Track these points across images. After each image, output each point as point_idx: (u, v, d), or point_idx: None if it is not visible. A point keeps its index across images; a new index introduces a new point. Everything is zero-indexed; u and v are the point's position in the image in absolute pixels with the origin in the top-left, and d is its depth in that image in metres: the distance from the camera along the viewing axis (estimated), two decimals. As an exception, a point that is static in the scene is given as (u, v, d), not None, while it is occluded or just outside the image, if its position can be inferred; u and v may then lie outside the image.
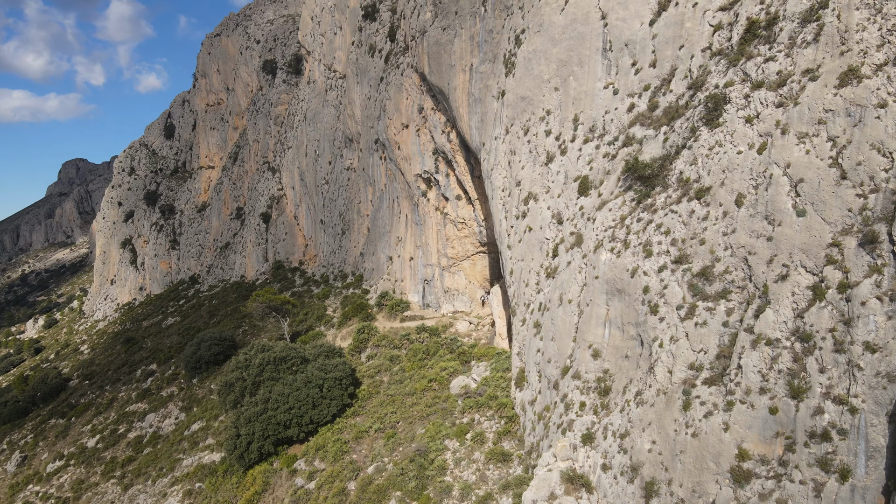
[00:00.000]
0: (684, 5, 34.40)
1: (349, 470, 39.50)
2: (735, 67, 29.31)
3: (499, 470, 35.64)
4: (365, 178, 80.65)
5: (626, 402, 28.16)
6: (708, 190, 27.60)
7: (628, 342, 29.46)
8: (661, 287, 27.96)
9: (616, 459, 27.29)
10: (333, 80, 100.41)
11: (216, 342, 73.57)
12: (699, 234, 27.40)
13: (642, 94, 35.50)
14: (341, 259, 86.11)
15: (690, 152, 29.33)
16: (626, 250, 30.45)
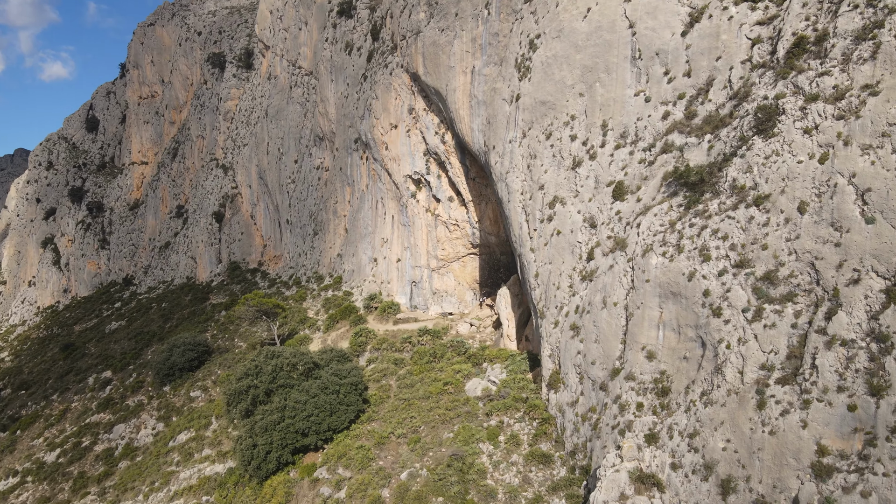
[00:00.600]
0: (718, 18, 35.72)
1: (380, 477, 38.79)
2: (785, 80, 30.69)
3: (541, 472, 35.93)
4: (342, 178, 79.14)
5: (690, 402, 29.00)
6: (767, 197, 28.77)
7: (686, 344, 30.35)
8: (723, 290, 28.95)
9: (686, 458, 28.08)
10: (299, 77, 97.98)
11: (190, 348, 70.42)
12: (760, 239, 28.54)
13: (677, 103, 36.60)
14: (314, 260, 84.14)
15: (743, 160, 30.49)
16: (679, 254, 31.34)
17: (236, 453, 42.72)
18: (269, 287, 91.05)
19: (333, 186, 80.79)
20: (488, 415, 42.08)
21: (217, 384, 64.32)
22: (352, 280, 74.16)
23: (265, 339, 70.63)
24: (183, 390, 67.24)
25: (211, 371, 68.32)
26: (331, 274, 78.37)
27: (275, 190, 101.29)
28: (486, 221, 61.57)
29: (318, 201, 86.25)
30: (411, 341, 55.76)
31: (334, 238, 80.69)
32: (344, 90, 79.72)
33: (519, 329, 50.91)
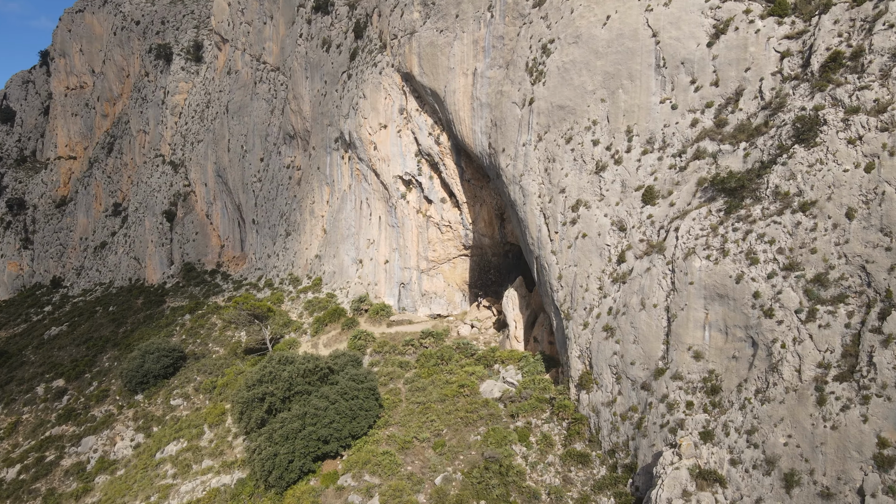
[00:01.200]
0: (745, 31, 37.29)
1: (412, 483, 38.31)
2: (822, 92, 32.42)
3: (581, 471, 36.48)
4: (320, 178, 77.36)
5: (745, 400, 30.19)
6: (813, 203, 30.32)
7: (735, 344, 31.55)
8: (773, 292, 30.28)
9: (746, 454, 29.21)
10: (264, 73, 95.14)
11: (164, 354, 67.11)
12: (808, 243, 30.03)
13: (705, 111, 37.96)
14: (287, 262, 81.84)
15: (786, 168, 31.98)
16: (724, 258, 32.54)
17: (253, 463, 41.13)
18: (236, 289, 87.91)
19: (310, 186, 78.88)
20: (513, 416, 42.30)
21: (200, 391, 61.67)
22: (333, 282, 72.66)
23: (247, 343, 68.21)
24: (160, 399, 64.05)
25: (189, 378, 65.41)
26: (309, 276, 76.51)
27: (237, 189, 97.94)
28: (480, 223, 61.80)
29: (291, 201, 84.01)
30: (413, 344, 55.27)
31: (311, 239, 78.80)
32: (321, 88, 78.00)
33: (526, 330, 51.40)
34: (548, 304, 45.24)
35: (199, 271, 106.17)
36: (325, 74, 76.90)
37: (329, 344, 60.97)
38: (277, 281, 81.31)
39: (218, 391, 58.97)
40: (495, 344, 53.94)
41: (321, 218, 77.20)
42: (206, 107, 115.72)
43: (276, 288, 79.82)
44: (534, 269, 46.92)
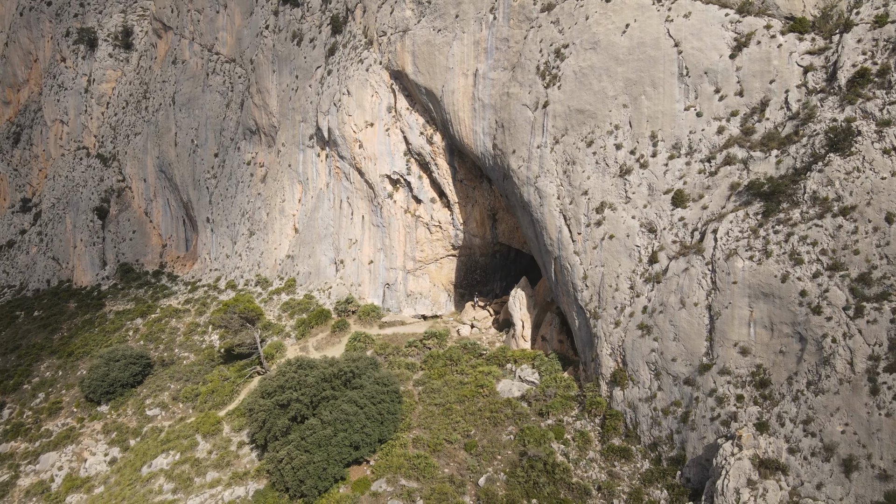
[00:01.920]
0: (768, 45, 39.68)
1: (455, 485, 38.01)
2: (853, 106, 35.10)
3: (625, 466, 37.56)
4: (290, 175, 74.68)
5: (797, 392, 32.20)
6: (853, 208, 32.78)
7: (782, 339, 33.56)
8: (820, 291, 32.48)
9: (804, 443, 31.18)
10: (217, 64, 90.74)
11: (132, 361, 62.66)
12: (851, 245, 32.44)
13: (731, 119, 40.06)
14: (252, 262, 78.39)
15: (823, 175, 34.37)
16: (767, 258, 34.53)
17: (282, 472, 39.36)
18: (191, 291, 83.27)
19: (279, 184, 75.98)
20: (541, 415, 42.87)
21: (179, 400, 58.11)
22: (309, 283, 70.47)
23: (224, 348, 64.91)
24: (130, 409, 59.83)
25: (161, 386, 61.49)
26: (280, 277, 73.75)
27: (185, 185, 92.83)
28: (471, 223, 61.98)
29: (255, 199, 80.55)
30: (416, 345, 54.69)
31: (280, 238, 75.96)
32: (291, 82, 75.41)
33: (533, 330, 52.15)
34: (568, 304, 46.15)
35: (139, 272, 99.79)
36: (297, 69, 74.45)
37: (320, 347, 59.22)
38: (242, 282, 77.87)
39: (203, 399, 55.88)
40: (500, 344, 54.35)
41: (292, 217, 74.72)
42: (144, 97, 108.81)
43: (241, 290, 76.43)
44: (551, 270, 47.68)
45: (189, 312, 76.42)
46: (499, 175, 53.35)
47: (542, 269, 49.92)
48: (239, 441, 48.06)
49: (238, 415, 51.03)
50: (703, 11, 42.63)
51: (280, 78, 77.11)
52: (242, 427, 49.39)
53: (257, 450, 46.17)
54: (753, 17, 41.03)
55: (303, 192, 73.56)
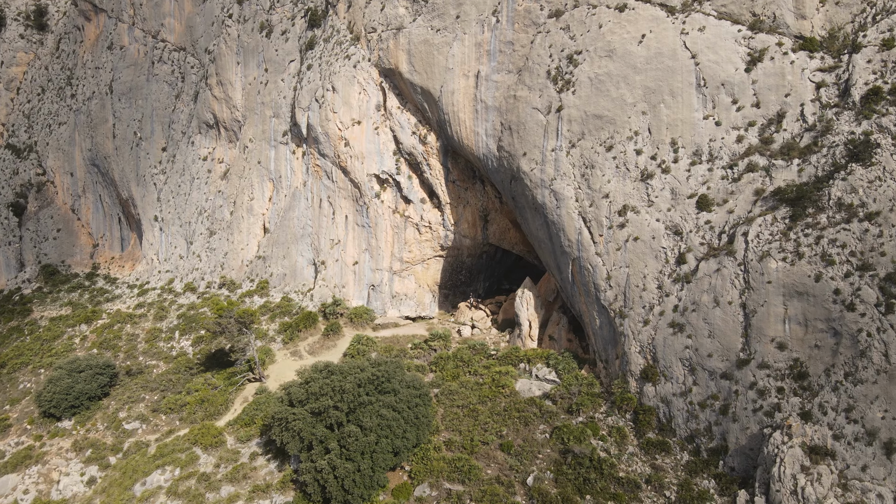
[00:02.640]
0: (780, 61, 42.73)
1: (504, 486, 38.09)
2: (868, 120, 38.54)
3: (666, 458, 39.16)
4: (260, 173, 71.34)
5: (836, 382, 34.97)
6: (878, 214, 36.02)
7: (816, 335, 36.28)
8: (852, 289, 35.45)
9: (847, 429, 33.94)
10: (164, 52, 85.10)
11: (99, 371, 57.59)
12: (877, 247, 35.63)
13: (748, 129, 42.77)
14: (215, 263, 74.05)
15: (846, 183, 37.51)
16: (800, 260, 37.23)
17: (322, 483, 37.80)
18: (141, 295, 77.54)
19: (247, 181, 72.35)
20: (570, 412, 43.83)
21: (161, 412, 54.11)
22: (284, 284, 67.75)
23: (199, 355, 61.10)
24: (101, 424, 55.04)
25: (133, 397, 56.99)
26: (250, 278, 70.26)
27: (126, 181, 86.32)
28: (463, 224, 62.06)
29: (214, 197, 76.21)
30: (422, 347, 54.09)
31: (247, 238, 72.39)
32: (260, 76, 72.16)
33: (542, 329, 53.07)
34: (586, 303, 47.39)
35: (67, 275, 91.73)
36: (267, 62, 71.37)
37: (315, 352, 57.20)
38: (203, 285, 73.61)
39: (191, 410, 52.45)
40: (504, 344, 54.86)
41: (261, 216, 71.61)
42: (68, 84, 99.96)
43: (203, 293, 72.26)
44: (567, 270, 48.73)
45: (146, 317, 71.35)
46: (504, 177, 53.85)
47: (554, 269, 50.90)
48: (250, 452, 45.63)
49: (241, 424, 48.45)
50: (717, 26, 45.19)
51: (246, 70, 73.63)
52: (250, 437, 46.96)
53: (275, 460, 44.09)
54: (765, 34, 43.98)
55: (274, 190, 70.66)
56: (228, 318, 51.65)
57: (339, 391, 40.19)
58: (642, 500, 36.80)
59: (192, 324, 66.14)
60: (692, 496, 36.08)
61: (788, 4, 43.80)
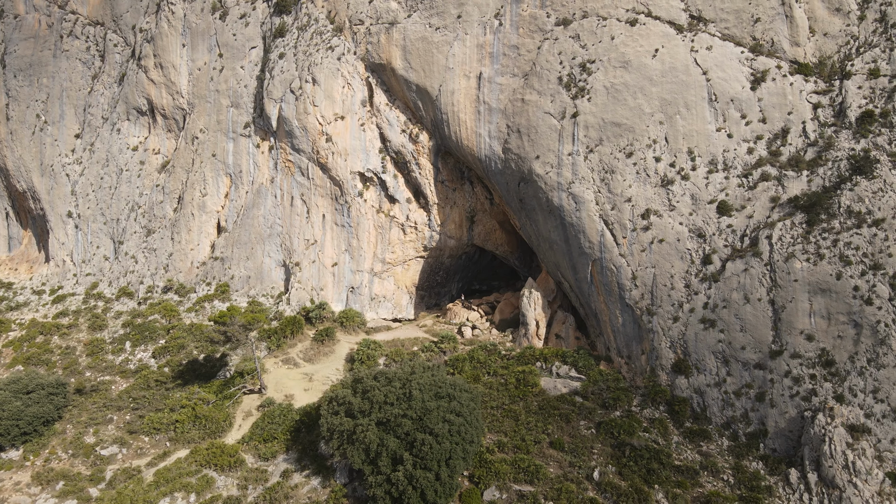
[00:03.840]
0: (781, 82, 47.80)
1: (574, 482, 38.85)
2: (865, 139, 44.37)
3: (710, 445, 42.12)
4: (215, 167, 65.22)
5: (861, 368, 39.99)
6: (883, 220, 41.75)
7: (839, 326, 41.18)
8: (868, 286, 40.78)
9: (876, 408, 38.98)
10: (76, 26, 74.90)
11: (53, 391, 49.57)
12: (885, 249, 41.29)
13: (757, 142, 47.29)
14: (156, 265, 66.27)
15: (853, 193, 42.97)
16: (821, 260, 42.04)
17: (397, 495, 36.13)
18: (58, 302, 67.54)
19: (198, 175, 65.75)
20: (606, 407, 45.61)
21: (142, 433, 47.93)
22: (248, 288, 62.76)
23: (167, 367, 54.77)
24: (62, 451, 47.49)
25: (96, 419, 49.85)
26: (206, 281, 63.96)
27: (24, 171, 74.71)
28: (450, 225, 61.65)
29: (152, 191, 68.35)
30: (432, 349, 52.98)
31: (199, 238, 65.88)
32: (212, 61, 66.14)
33: (548, 328, 54.38)
34: (608, 302, 49.46)
35: (-60, 279, 77.57)
36: (222, 46, 65.67)
37: (312, 358, 53.82)
38: (142, 289, 66.04)
39: (183, 429, 47.20)
40: (510, 343, 55.40)
41: (216, 213, 65.89)
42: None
43: (145, 298, 64.88)
44: (586, 270, 50.47)
45: (78, 328, 62.69)
46: (510, 178, 54.49)
47: (567, 270, 52.41)
48: (281, 470, 42.19)
49: (259, 440, 44.65)
50: (722, 46, 49.41)
51: (194, 54, 67.25)
52: (274, 454, 43.50)
53: (316, 477, 41.25)
54: (765, 57, 48.85)
55: (232, 185, 65.36)
56: (233, 325, 47.15)
57: (407, 398, 38.66)
58: (703, 485, 39.46)
59: (146, 333, 59.29)
60: (747, 477, 39.33)
61: (784, 32, 49.01)
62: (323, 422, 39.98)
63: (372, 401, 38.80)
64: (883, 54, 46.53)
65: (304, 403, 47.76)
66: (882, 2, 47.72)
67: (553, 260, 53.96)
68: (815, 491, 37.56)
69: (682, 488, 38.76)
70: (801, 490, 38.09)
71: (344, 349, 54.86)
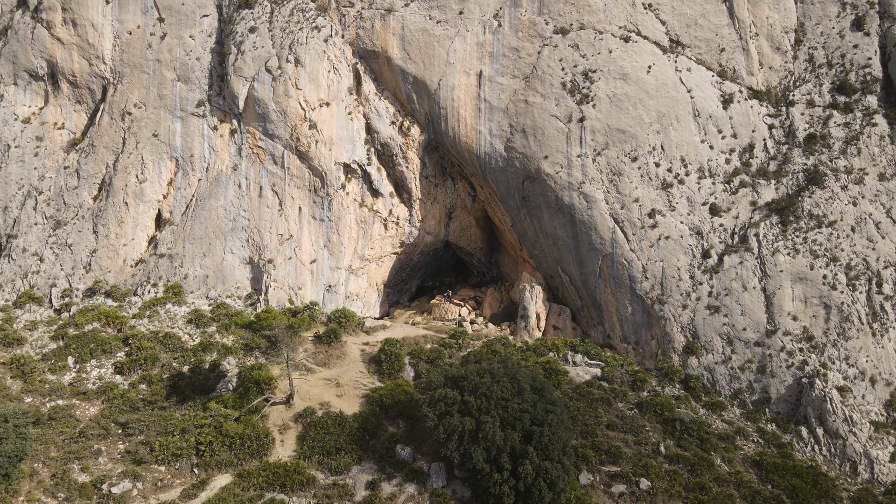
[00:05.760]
0: (744, 105, 56.94)
1: (648, 457, 42.17)
2: (813, 156, 54.96)
3: (728, 413, 48.62)
4: (157, 149, 55.09)
5: (833, 340, 49.78)
6: (834, 223, 52.46)
7: (814, 308, 50.69)
8: (832, 275, 51.00)
9: (849, 371, 48.88)
10: (-75, -42, 57.99)
11: (19, 422, 38.38)
12: (837, 246, 52.01)
13: (731, 154, 55.59)
14: (74, 264, 53.34)
15: (812, 200, 53.13)
16: (797, 255, 51.36)
17: (530, 487, 36.00)
18: (-78, 312, 51.49)
19: (136, 157, 54.81)
20: (634, 388, 49.92)
21: (161, 461, 39.77)
22: (207, 289, 54.66)
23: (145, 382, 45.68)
24: (52, 496, 37.47)
25: (77, 453, 40.02)
26: (151, 282, 53.68)
27: None
28: (430, 221, 60.85)
29: (60, 175, 55.16)
30: (452, 346, 51.96)
31: (133, 231, 55.11)
32: (149, 24, 56.07)
33: (546, 320, 56.96)
34: (619, 294, 53.76)
35: None
36: (163, 10, 56.18)
37: (325, 362, 49.19)
38: (56, 293, 53.85)
39: (211, 451, 40.55)
40: (511, 336, 56.72)
41: (156, 203, 56.56)
42: None
43: (66, 304, 53.02)
44: (595, 265, 54.16)
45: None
46: (512, 176, 56.06)
47: (572, 265, 55.51)
48: (365, 481, 38.97)
49: (322, 454, 40.57)
50: (698, 69, 57.04)
51: (122, 14, 56.74)
52: (347, 466, 40.05)
53: (410, 483, 39.01)
54: (730, 81, 57.55)
55: (178, 171, 56.75)
56: (280, 328, 41.83)
57: (519, 393, 38.72)
58: (741, 447, 45.76)
59: (92, 345, 48.99)
60: (770, 437, 46.56)
61: (742, 63, 58.15)
62: (434, 424, 38.04)
63: (490, 398, 38.08)
64: (815, 88, 57.87)
65: (349, 411, 44.33)
66: (809, 46, 59.24)
67: (554, 255, 56.83)
68: (824, 442, 46.04)
69: (730, 452, 44.57)
70: (812, 442, 46.37)
71: (354, 351, 51.52)
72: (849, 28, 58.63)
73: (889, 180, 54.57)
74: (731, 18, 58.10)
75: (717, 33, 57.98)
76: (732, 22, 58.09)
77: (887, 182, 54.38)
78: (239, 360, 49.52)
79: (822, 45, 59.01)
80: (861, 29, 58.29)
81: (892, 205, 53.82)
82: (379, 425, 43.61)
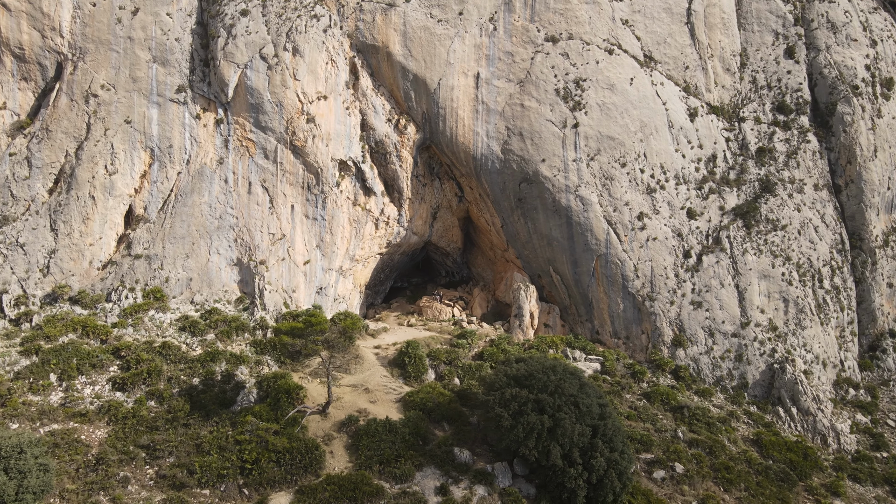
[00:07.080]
0: (706, 119, 62.87)
1: (668, 441, 45.34)
2: (765, 168, 62.04)
3: (716, 398, 53.46)
4: (129, 136, 48.42)
5: (792, 330, 56.72)
6: (786, 226, 59.80)
7: (776, 302, 57.38)
8: (787, 272, 58.10)
9: (808, 357, 55.96)
10: None
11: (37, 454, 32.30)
12: (789, 247, 59.37)
13: (699, 163, 61.06)
14: (29, 267, 44.74)
15: (767, 206, 60.06)
16: (761, 255, 57.84)
17: (601, 479, 37.30)
18: None
19: (104, 146, 47.44)
20: (635, 380, 53.24)
21: (204, 484, 35.49)
22: (192, 293, 49.28)
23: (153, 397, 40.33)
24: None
25: (100, 482, 34.77)
26: (127, 287, 47.09)
27: None
28: (417, 221, 59.96)
29: (5, 163, 46.66)
30: (464, 346, 51.65)
31: (101, 229, 47.93)
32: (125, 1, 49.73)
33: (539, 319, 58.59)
34: (611, 292, 56.77)
35: None
36: (136, -18, 50.24)
37: (343, 367, 46.99)
38: (8, 301, 46.01)
39: (261, 469, 37.23)
40: (506, 335, 57.50)
41: (128, 198, 50.42)
42: None
43: (25, 313, 45.46)
44: (590, 264, 56.75)
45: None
46: (508, 178, 57.13)
47: (566, 265, 57.57)
48: (433, 487, 38.14)
49: (382, 463, 39.06)
50: (668, 84, 61.96)
51: (87, -16, 49.89)
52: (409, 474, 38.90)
53: (478, 484, 38.81)
54: (693, 97, 63.15)
55: (154, 163, 51.00)
56: (335, 332, 39.36)
57: (581, 388, 40.05)
58: (737, 428, 50.64)
59: (76, 359, 42.75)
60: (756, 418, 52.01)
61: (702, 81, 64.02)
62: (511, 423, 38.16)
63: (562, 394, 38.95)
64: (759, 107, 65.22)
65: (389, 416, 42.94)
66: (752, 69, 66.60)
67: (546, 255, 58.66)
68: (798, 419, 52.36)
69: (731, 433, 49.25)
70: (788, 420, 52.56)
71: (369, 355, 49.66)
72: (783, 55, 66.76)
73: (821, 190, 63.07)
74: (693, 39, 63.72)
75: (682, 52, 63.32)
76: (694, 42, 63.73)
77: (820, 191, 62.80)
78: (251, 369, 45.83)
79: (762, 69, 66.62)
80: (792, 57, 66.65)
81: (824, 211, 62.23)
82: (427, 430, 42.72)
